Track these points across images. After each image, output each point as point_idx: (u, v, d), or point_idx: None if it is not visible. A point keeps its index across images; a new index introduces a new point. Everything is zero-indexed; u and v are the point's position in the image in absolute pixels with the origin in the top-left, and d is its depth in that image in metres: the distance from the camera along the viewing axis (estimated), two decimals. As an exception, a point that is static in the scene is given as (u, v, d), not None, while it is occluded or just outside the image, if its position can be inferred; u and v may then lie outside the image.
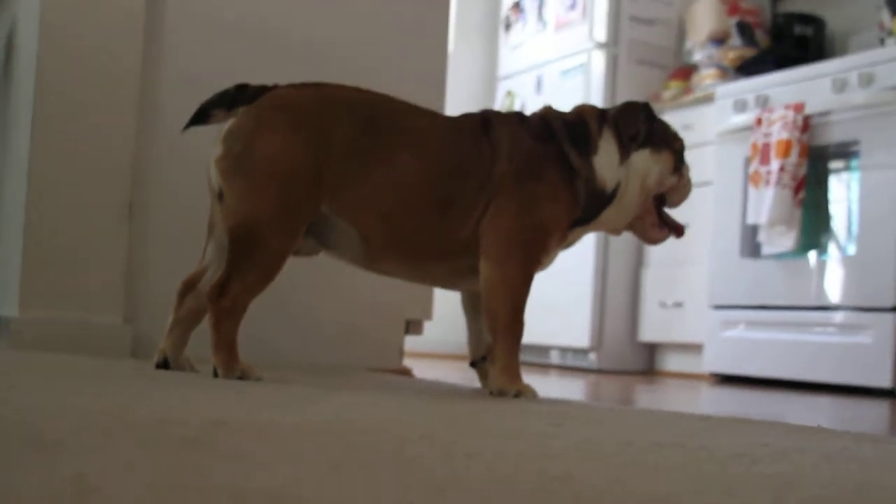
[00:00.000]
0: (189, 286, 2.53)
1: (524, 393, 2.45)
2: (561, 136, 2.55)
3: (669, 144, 2.64)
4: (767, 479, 1.21)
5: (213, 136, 2.47)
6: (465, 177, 2.46)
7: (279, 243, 2.36)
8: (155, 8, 3.35)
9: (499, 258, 2.45)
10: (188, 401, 1.73)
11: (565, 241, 2.59)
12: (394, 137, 2.46)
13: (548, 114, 2.62)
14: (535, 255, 2.48)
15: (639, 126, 2.60)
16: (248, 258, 2.34)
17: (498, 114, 2.63)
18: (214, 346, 2.33)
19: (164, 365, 2.52)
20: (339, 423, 1.53)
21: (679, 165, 2.66)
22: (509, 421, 1.80)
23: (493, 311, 2.45)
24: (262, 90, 2.46)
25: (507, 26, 7.01)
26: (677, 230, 2.72)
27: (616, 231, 2.72)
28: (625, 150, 2.58)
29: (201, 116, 2.46)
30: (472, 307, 2.72)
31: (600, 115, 2.62)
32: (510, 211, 2.45)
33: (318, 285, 3.47)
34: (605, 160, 2.56)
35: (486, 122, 2.56)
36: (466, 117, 2.60)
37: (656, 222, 2.68)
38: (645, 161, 2.60)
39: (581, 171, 2.53)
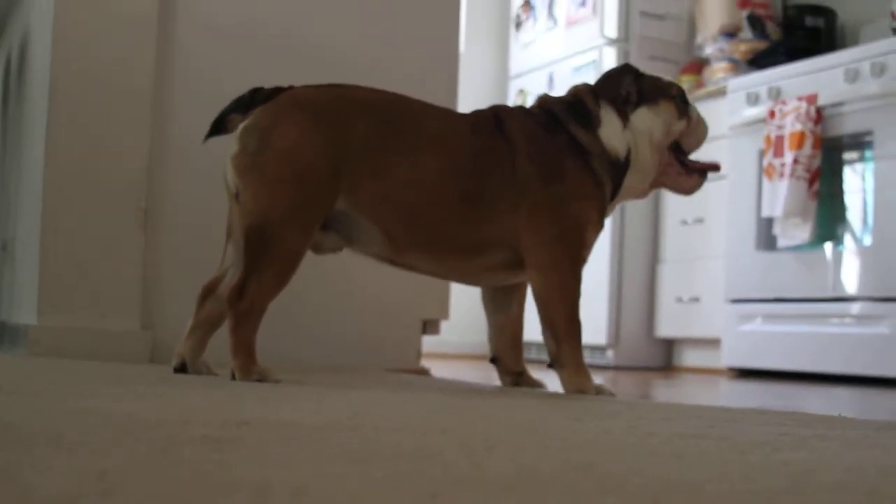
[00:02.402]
0: (209, 290, 2.53)
1: (603, 392, 2.50)
2: (564, 119, 2.58)
3: (665, 94, 2.67)
4: (788, 466, 1.21)
5: (227, 140, 2.47)
6: (486, 173, 2.48)
7: (295, 241, 2.36)
8: (166, 14, 3.35)
9: (546, 267, 2.49)
10: (209, 402, 1.73)
11: (601, 230, 2.61)
12: (411, 135, 2.47)
13: (546, 102, 2.65)
14: (577, 254, 2.52)
15: (625, 88, 2.63)
16: (264, 258, 2.34)
17: (506, 108, 2.65)
18: (233, 349, 2.34)
19: (181, 369, 2.52)
20: (359, 420, 1.54)
21: (684, 110, 2.69)
22: (530, 416, 1.80)
23: (551, 318, 2.50)
24: (277, 91, 2.46)
25: (518, 24, 7.00)
26: (711, 167, 2.77)
27: (643, 194, 2.74)
28: (623, 115, 2.61)
29: (220, 125, 2.47)
30: (493, 303, 2.74)
31: (593, 90, 2.65)
32: (545, 218, 2.48)
33: (334, 287, 3.47)
34: (610, 130, 2.59)
35: (497, 118, 2.57)
36: (479, 114, 2.62)
37: (682, 171, 2.71)
38: (644, 118, 2.63)
39: (593, 148, 2.55)
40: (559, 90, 6.39)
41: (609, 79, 2.66)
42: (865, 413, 2.78)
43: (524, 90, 6.79)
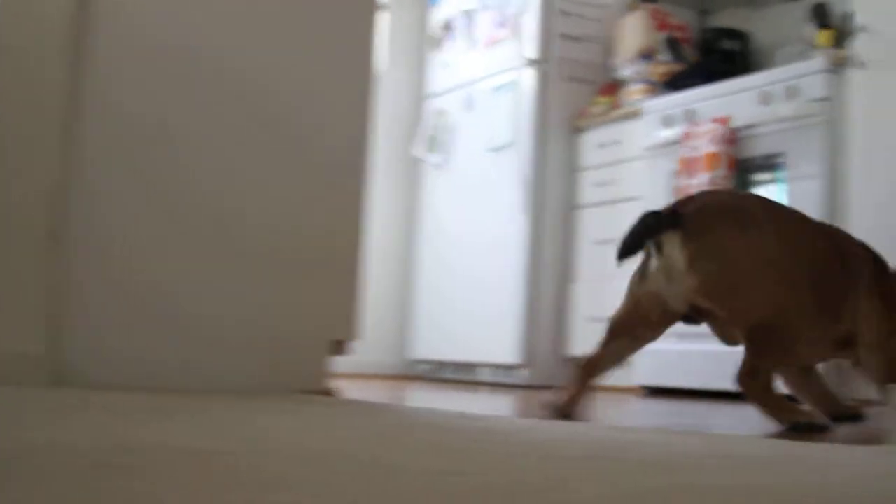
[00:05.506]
0: (592, 368, 2.86)
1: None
2: None
3: None
4: (681, 489, 1.22)
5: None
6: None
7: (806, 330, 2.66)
8: (82, 33, 3.31)
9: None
10: (106, 427, 1.71)
11: None
12: (779, 238, 2.70)
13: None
14: None
15: None
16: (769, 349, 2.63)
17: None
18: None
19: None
20: (258, 444, 1.52)
21: None
22: (433, 438, 1.79)
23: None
24: (675, 214, 2.66)
25: (438, 44, 7.01)
26: None
27: None
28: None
29: (633, 247, 2.74)
30: (798, 381, 2.96)
31: None
32: None
33: (242, 309, 3.43)
34: None
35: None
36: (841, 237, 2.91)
37: None
38: None
39: None
40: (478, 111, 6.41)
41: None
42: (772, 430, 2.81)
43: (442, 110, 6.79)
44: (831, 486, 1.33)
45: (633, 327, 2.80)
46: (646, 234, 2.66)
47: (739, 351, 4.74)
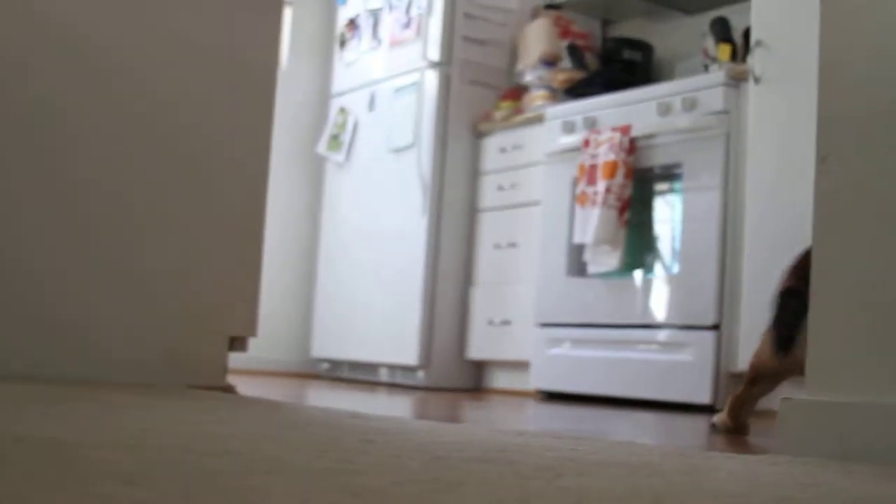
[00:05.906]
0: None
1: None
2: None
3: None
4: (565, 493, 1.23)
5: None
6: None
7: None
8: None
9: None
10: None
11: None
12: None
13: None
14: None
15: None
16: None
17: None
18: None
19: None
20: (144, 439, 1.51)
21: None
22: (323, 437, 1.79)
23: None
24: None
25: (343, 43, 7.00)
26: None
27: None
28: None
29: (791, 336, 2.81)
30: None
31: None
32: None
33: (139, 302, 3.40)
34: None
35: None
36: None
37: None
38: None
39: None
40: (380, 111, 6.42)
41: None
42: (665, 438, 2.85)
43: (345, 109, 6.78)
44: (704, 491, 1.35)
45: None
46: (796, 320, 2.77)
47: (637, 359, 4.82)
